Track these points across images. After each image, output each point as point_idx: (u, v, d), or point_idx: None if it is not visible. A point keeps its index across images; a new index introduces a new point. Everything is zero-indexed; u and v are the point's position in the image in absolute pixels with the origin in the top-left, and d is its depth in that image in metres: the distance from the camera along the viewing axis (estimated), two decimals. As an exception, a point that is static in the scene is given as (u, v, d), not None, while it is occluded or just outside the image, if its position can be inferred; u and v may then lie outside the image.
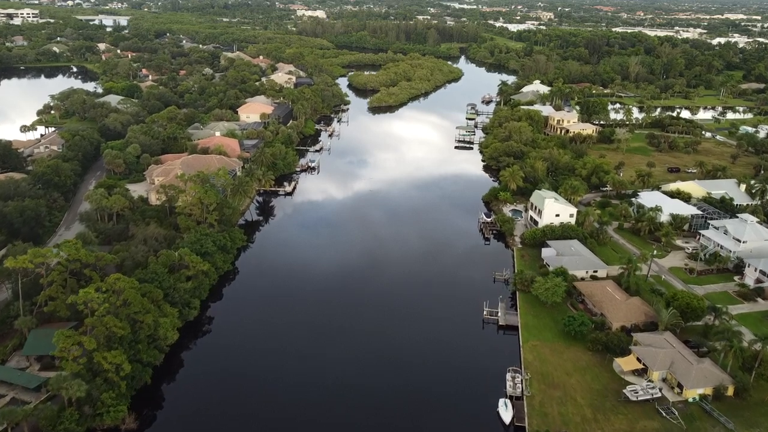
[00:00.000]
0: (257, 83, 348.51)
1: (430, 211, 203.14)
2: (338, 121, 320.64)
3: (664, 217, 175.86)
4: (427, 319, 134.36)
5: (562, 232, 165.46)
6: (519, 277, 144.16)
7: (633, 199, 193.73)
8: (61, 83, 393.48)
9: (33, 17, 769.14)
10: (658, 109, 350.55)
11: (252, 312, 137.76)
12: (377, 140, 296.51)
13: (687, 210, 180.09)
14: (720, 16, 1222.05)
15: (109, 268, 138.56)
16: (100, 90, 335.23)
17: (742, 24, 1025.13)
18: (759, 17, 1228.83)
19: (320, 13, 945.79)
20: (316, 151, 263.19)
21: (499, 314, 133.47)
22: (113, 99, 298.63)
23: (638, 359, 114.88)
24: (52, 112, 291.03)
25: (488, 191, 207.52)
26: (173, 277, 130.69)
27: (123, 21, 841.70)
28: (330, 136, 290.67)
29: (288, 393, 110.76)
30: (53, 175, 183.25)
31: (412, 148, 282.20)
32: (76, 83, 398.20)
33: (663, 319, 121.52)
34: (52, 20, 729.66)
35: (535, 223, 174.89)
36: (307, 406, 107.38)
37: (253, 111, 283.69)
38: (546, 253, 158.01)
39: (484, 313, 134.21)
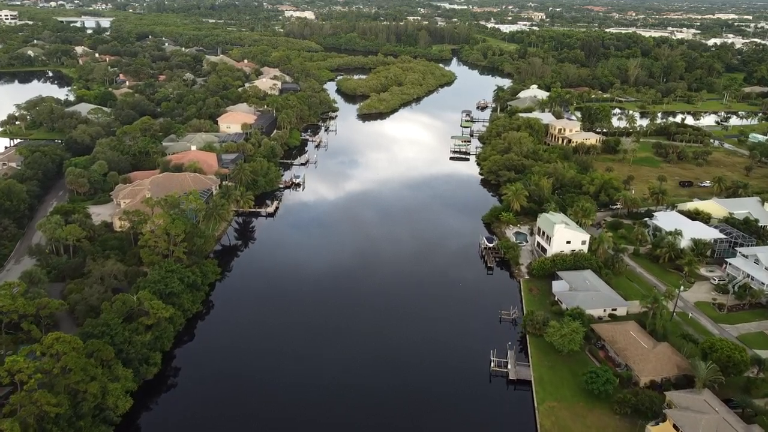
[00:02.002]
0: (240, 89, 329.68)
1: (426, 231, 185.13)
2: (326, 130, 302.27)
3: (684, 242, 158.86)
4: (433, 383, 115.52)
5: (574, 262, 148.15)
6: (529, 318, 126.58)
7: (648, 220, 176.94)
8: (35, 90, 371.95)
9: (11, 19, 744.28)
10: (659, 114, 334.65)
11: (222, 363, 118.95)
12: (367, 151, 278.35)
13: (709, 233, 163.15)
14: (711, 16, 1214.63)
15: (60, 314, 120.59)
16: (72, 98, 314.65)
17: (735, 24, 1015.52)
18: (750, 17, 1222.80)
19: (309, 14, 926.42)
20: (302, 164, 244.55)
21: (509, 366, 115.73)
22: (84, 108, 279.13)
23: (675, 427, 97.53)
24: (18, 122, 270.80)
25: (489, 211, 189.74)
26: (129, 327, 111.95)
27: (106, 22, 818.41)
28: (317, 146, 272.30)
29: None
30: (4, 199, 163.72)
31: (405, 159, 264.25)
32: (51, 89, 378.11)
33: (701, 376, 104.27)
34: (30, 22, 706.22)
35: (543, 250, 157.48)
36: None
37: (234, 121, 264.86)
38: (557, 287, 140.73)
39: (492, 365, 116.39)
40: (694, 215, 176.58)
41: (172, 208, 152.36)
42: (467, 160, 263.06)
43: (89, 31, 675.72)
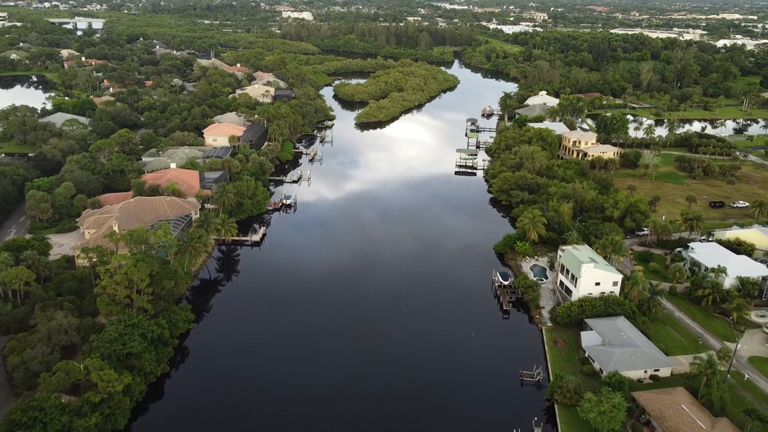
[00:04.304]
0: (230, 96, 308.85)
1: (433, 262, 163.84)
2: (321, 142, 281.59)
3: (728, 281, 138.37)
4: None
5: (604, 308, 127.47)
6: (557, 385, 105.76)
7: (683, 251, 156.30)
8: (15, 96, 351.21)
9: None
10: (675, 122, 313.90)
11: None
12: (366, 165, 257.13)
13: (756, 270, 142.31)
14: (716, 16, 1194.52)
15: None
16: (49, 106, 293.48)
17: (742, 25, 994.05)
18: (755, 17, 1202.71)
19: (307, 15, 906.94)
20: (294, 182, 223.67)
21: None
22: (60, 118, 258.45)
23: None
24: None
25: (502, 239, 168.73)
26: (71, 407, 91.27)
27: (98, 24, 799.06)
28: (311, 161, 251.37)
29: None
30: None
31: (407, 174, 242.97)
32: (34, 95, 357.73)
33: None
34: (19, 24, 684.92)
35: (567, 291, 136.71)
36: None
37: (221, 133, 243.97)
38: (587, 339, 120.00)
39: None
40: (736, 246, 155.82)
41: (138, 245, 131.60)
42: (474, 174, 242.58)
43: (79, 33, 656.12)
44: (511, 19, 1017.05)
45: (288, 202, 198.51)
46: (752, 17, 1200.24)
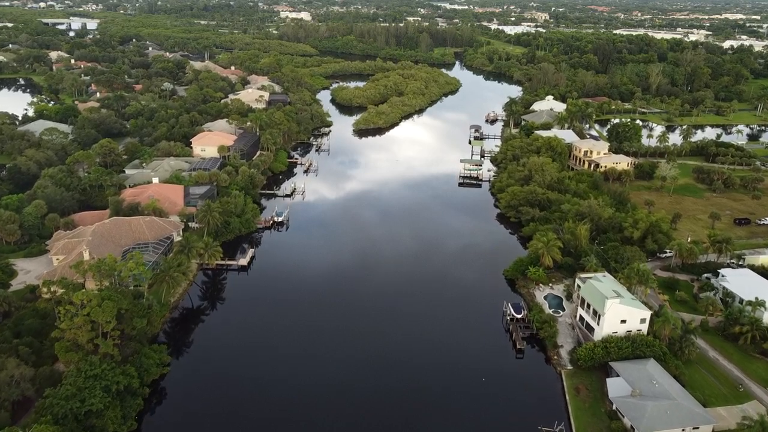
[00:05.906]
0: (222, 102, 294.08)
1: (437, 290, 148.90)
2: (317, 150, 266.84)
3: (767, 315, 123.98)
4: None
5: (632, 350, 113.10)
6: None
7: (713, 278, 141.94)
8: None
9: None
10: (684, 127, 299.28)
11: None
12: (364, 174, 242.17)
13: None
14: (719, 16, 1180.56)
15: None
16: (31, 113, 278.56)
17: (746, 25, 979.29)
18: (758, 17, 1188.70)
19: (305, 15, 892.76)
20: (287, 195, 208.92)
21: None
22: (40, 127, 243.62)
23: None
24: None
25: (512, 264, 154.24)
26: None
27: (93, 24, 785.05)
28: (306, 171, 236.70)
29: None
30: None
31: (409, 185, 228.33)
32: (19, 99, 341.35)
33: None
34: (10, 24, 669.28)
35: (589, 328, 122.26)
36: None
37: (210, 142, 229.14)
38: (614, 389, 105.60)
39: None
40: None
41: (108, 277, 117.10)
42: (479, 186, 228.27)
43: (72, 34, 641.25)
44: (512, 19, 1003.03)
45: (280, 219, 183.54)
46: (755, 17, 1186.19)
